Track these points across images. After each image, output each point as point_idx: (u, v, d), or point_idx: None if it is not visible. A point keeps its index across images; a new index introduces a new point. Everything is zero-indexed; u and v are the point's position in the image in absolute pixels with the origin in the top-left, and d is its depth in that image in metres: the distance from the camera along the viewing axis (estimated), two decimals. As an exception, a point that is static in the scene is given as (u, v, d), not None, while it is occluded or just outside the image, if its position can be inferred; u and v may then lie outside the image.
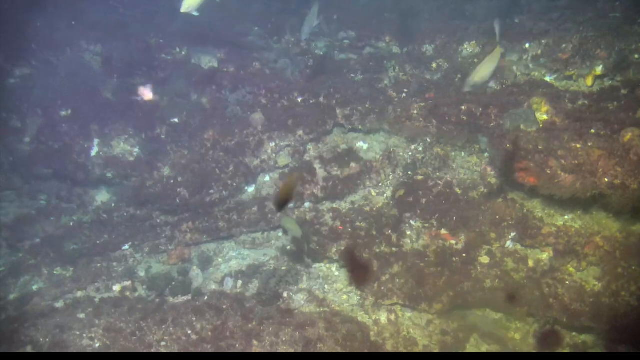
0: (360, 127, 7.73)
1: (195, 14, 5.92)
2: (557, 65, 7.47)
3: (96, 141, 8.04)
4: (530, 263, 6.20)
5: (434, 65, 8.42)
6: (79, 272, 7.33)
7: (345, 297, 6.79)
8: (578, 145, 5.72)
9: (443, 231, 6.66)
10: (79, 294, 7.14)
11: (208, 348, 6.07)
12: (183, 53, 9.11)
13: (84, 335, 6.25)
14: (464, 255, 6.43)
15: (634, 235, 5.85)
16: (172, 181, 7.56)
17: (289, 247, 7.51)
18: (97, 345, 6.19)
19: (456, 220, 6.60)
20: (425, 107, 7.48)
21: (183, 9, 5.91)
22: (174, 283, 7.08)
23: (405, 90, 7.91)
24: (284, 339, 6.10)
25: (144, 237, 7.63)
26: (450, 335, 6.28)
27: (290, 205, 7.23)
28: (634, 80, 6.61)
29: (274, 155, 7.61)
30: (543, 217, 6.33)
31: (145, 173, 7.75)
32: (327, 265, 7.18)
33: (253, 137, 7.60)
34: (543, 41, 7.83)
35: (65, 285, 7.17)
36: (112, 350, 6.10)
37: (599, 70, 7.13)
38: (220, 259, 7.55)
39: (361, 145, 7.77)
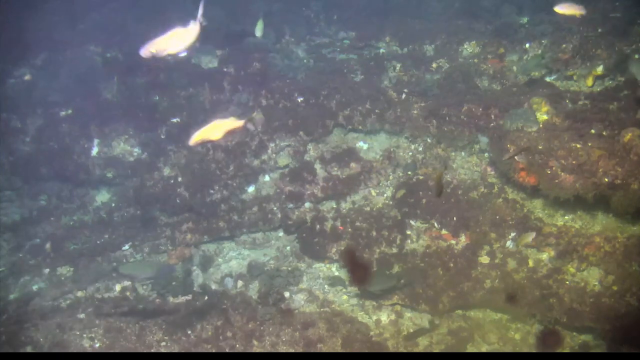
0: (360, 127, 7.73)
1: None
2: (558, 65, 7.47)
3: (96, 141, 8.04)
4: (531, 263, 6.20)
5: (434, 65, 8.41)
6: (79, 272, 7.32)
7: (345, 297, 6.79)
8: (578, 145, 5.72)
9: (443, 231, 6.67)
10: (79, 294, 7.13)
11: (208, 348, 6.07)
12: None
13: (84, 335, 6.26)
14: (465, 255, 6.43)
15: (635, 236, 5.84)
16: (172, 181, 7.56)
17: (288, 248, 7.51)
18: (97, 345, 6.19)
19: (456, 220, 6.60)
20: (426, 108, 7.49)
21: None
22: (174, 283, 7.07)
23: (406, 91, 7.91)
24: (284, 339, 6.10)
25: (144, 237, 7.62)
26: (450, 335, 6.27)
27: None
28: (634, 80, 6.61)
29: (274, 155, 7.61)
30: (543, 217, 6.33)
31: (146, 173, 7.75)
32: (327, 265, 7.18)
33: (253, 137, 7.60)
34: (543, 41, 7.84)
35: (65, 285, 7.16)
36: (112, 350, 6.10)
37: (599, 70, 7.13)
38: (220, 259, 7.55)
39: (361, 145, 7.77)
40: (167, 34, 4.57)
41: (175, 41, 4.60)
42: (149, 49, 4.57)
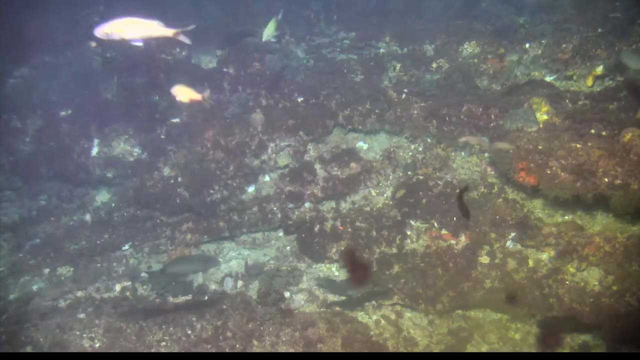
0: (360, 127, 7.73)
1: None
2: (557, 65, 7.48)
3: (96, 141, 8.04)
4: (531, 263, 6.20)
5: (434, 65, 8.41)
6: (79, 272, 7.32)
7: (345, 297, 6.79)
8: (578, 145, 5.72)
9: (443, 231, 6.67)
10: (79, 294, 7.13)
11: (208, 348, 6.07)
12: (183, 53, 9.10)
13: (84, 335, 6.26)
14: (464, 255, 6.43)
15: (635, 236, 5.84)
16: (172, 181, 7.56)
17: (288, 248, 7.51)
18: (97, 345, 6.19)
19: (456, 220, 6.60)
20: (426, 108, 7.49)
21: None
22: (174, 283, 7.07)
23: (406, 91, 7.91)
24: (284, 339, 6.10)
25: (144, 237, 7.62)
26: (450, 335, 6.27)
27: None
28: (634, 80, 6.61)
29: (274, 155, 7.61)
30: (543, 217, 6.33)
31: (146, 173, 7.75)
32: (327, 265, 7.18)
33: (253, 137, 7.60)
34: (543, 41, 7.84)
35: (65, 285, 7.16)
36: (112, 350, 6.10)
37: (599, 70, 7.13)
38: (220, 259, 7.54)
39: (361, 145, 7.77)
40: (125, 19, 4.42)
41: (132, 28, 4.43)
42: (103, 29, 4.44)
